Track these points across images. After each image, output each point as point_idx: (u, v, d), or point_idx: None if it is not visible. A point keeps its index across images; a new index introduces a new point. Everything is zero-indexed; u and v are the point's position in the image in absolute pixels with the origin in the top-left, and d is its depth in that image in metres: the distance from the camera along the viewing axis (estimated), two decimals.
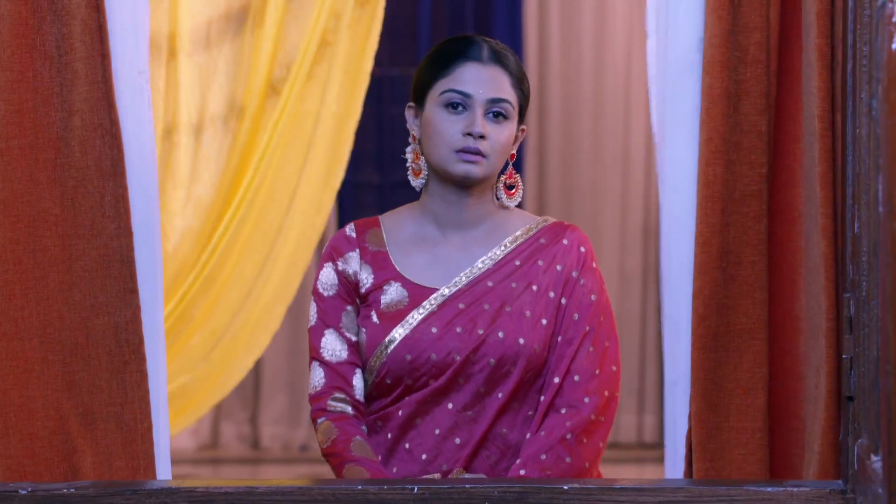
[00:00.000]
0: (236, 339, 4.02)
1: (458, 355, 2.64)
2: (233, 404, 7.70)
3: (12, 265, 2.74)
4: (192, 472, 7.47)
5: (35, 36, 2.74)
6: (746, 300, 2.70)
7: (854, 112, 2.39)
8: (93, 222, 2.74)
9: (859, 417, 2.32)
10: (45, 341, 2.75)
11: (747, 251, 2.70)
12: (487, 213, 2.75)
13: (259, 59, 3.77)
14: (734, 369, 2.69)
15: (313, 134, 3.86)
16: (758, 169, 2.70)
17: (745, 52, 2.68)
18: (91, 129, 2.74)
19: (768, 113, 2.70)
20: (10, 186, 2.74)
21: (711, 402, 2.69)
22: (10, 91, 2.74)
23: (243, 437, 7.84)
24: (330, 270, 2.74)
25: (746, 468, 2.68)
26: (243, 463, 7.66)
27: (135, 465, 2.73)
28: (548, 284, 2.69)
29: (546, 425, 2.64)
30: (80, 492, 2.38)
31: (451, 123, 2.66)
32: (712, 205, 2.69)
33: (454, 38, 2.75)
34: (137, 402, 2.74)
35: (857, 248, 2.35)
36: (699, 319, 2.69)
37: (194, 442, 7.78)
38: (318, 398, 2.71)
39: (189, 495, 2.37)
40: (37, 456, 2.74)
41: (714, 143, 2.68)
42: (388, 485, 2.38)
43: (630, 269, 7.59)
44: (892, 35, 2.00)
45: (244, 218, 3.88)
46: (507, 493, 2.35)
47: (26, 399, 2.74)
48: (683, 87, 2.75)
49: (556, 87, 7.48)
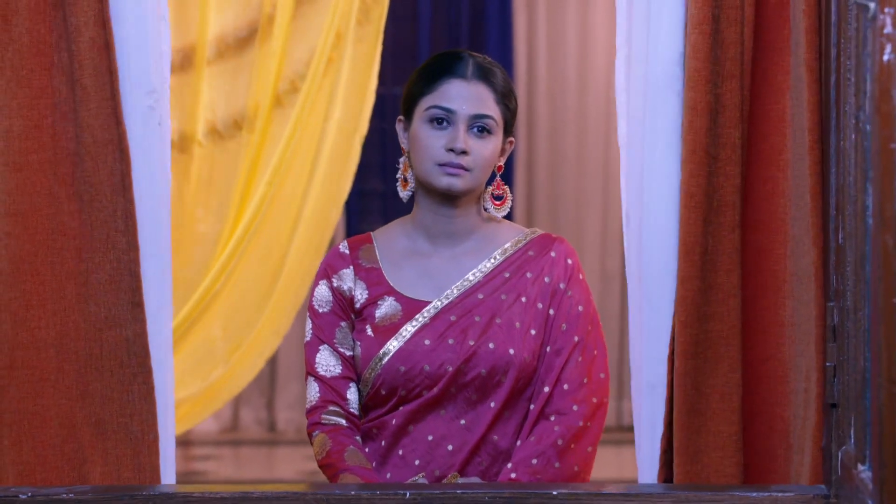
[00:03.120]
0: (251, 341, 3.77)
1: (450, 366, 2.43)
2: (251, 392, 7.65)
3: (31, 276, 2.50)
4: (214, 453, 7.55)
5: (53, 53, 2.51)
6: (722, 307, 2.47)
7: (838, 125, 2.16)
8: (107, 236, 2.51)
9: (843, 424, 2.10)
10: (61, 351, 2.51)
11: (723, 260, 2.47)
12: (476, 225, 2.53)
13: (267, 73, 3.54)
14: (711, 374, 2.47)
15: (320, 147, 3.61)
16: (732, 180, 2.48)
17: (723, 66, 2.46)
18: (102, 144, 2.50)
19: (742, 126, 2.48)
20: (29, 200, 2.51)
21: (692, 406, 2.47)
22: (30, 108, 2.51)
23: (261, 421, 7.80)
24: (325, 287, 2.52)
25: (724, 470, 2.46)
26: (260, 445, 7.63)
27: (141, 476, 2.49)
28: (536, 296, 2.48)
29: (536, 432, 2.42)
30: (79, 496, 2.18)
31: (435, 139, 2.45)
32: (695, 216, 2.47)
33: (442, 54, 2.53)
34: (145, 413, 2.50)
35: (841, 259, 2.13)
36: (682, 327, 2.46)
37: (217, 426, 7.75)
38: (313, 412, 2.50)
39: (185, 500, 2.13)
40: (48, 464, 2.50)
41: (698, 156, 2.47)
42: (380, 490, 2.15)
43: (610, 269, 7.55)
44: (882, 46, 1.76)
45: (257, 228, 3.64)
46: (498, 499, 2.13)
47: (40, 407, 2.50)
48: (663, 100, 2.52)
49: (543, 103, 7.43)
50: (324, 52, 3.52)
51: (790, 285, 2.42)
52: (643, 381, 2.53)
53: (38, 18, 2.48)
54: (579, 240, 7.37)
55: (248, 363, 3.83)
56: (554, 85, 7.42)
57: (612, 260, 7.50)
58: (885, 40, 1.76)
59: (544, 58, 7.42)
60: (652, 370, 2.52)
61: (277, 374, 7.64)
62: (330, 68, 3.56)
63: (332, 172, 3.66)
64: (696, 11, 2.44)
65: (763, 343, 2.46)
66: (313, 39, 3.54)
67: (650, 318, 2.52)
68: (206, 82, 3.61)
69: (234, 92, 3.60)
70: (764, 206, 2.47)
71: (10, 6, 2.47)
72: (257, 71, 3.58)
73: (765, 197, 2.47)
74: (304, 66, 3.56)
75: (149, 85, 2.53)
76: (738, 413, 2.45)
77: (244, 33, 3.60)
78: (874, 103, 1.79)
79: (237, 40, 3.60)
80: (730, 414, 2.44)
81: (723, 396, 2.45)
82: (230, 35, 3.60)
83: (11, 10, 2.47)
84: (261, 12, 3.56)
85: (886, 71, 1.75)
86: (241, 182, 3.64)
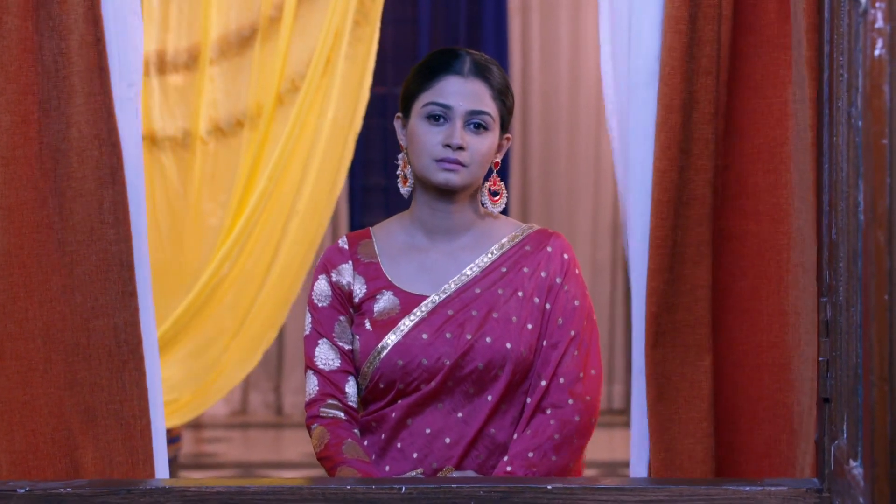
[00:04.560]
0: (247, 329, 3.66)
1: (447, 360, 2.31)
2: (259, 377, 7.72)
3: (17, 269, 2.40)
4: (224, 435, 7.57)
5: (38, 50, 2.40)
6: (689, 297, 2.38)
7: (831, 120, 2.04)
8: (91, 229, 2.39)
9: (836, 419, 1.98)
10: (49, 341, 2.40)
11: (690, 251, 2.38)
12: (473, 221, 2.41)
13: (269, 73, 3.43)
14: (681, 363, 2.38)
15: (316, 144, 3.50)
16: (704, 174, 2.38)
17: (699, 63, 2.37)
18: (88, 139, 2.39)
19: (715, 122, 2.39)
20: (15, 194, 2.40)
21: (660, 394, 2.38)
22: (17, 103, 2.40)
23: (268, 404, 7.85)
24: (324, 282, 2.40)
25: (695, 455, 2.37)
26: (268, 427, 7.65)
27: (134, 460, 2.38)
28: (532, 290, 2.36)
29: (533, 425, 2.30)
30: (76, 491, 2.07)
31: (432, 135, 2.32)
32: (666, 209, 2.38)
33: (439, 52, 2.41)
34: (136, 399, 2.39)
35: (833, 254, 2.02)
36: (651, 317, 2.38)
37: (227, 409, 7.82)
38: (312, 405, 2.38)
39: (182, 495, 2.02)
40: (39, 452, 2.40)
41: (672, 151, 2.38)
42: (376, 484, 2.05)
43: (601, 259, 7.61)
44: (874, 42, 1.64)
45: (255, 222, 3.53)
46: (493, 493, 2.02)
47: (30, 397, 2.40)
48: (644, 97, 2.42)
49: (537, 102, 7.49)
50: (323, 52, 3.41)
51: (793, 276, 2.32)
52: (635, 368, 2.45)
53: (25, 15, 2.38)
54: (572, 232, 7.42)
55: (245, 352, 3.72)
56: (547, 85, 7.48)
57: (602, 251, 7.56)
58: (876, 35, 1.64)
59: (538, 59, 7.46)
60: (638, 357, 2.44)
61: (284, 360, 7.66)
62: (328, 68, 3.44)
63: (327, 168, 3.54)
64: (674, 10, 2.35)
65: (767, 332, 2.37)
66: (313, 40, 3.44)
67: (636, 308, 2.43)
68: (208, 81, 3.50)
69: (236, 91, 3.49)
70: (769, 200, 2.38)
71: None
72: (260, 70, 3.47)
73: (769, 189, 2.38)
74: (304, 65, 3.45)
75: (129, 78, 2.44)
76: (709, 401, 2.36)
77: (247, 33, 3.48)
78: (865, 99, 1.67)
79: (240, 40, 3.48)
80: (699, 402, 2.36)
81: (692, 384, 2.36)
82: (233, 35, 3.48)
83: (2, 7, 2.36)
84: (261, 13, 3.45)
85: (878, 66, 1.63)
86: (243, 178, 3.54)
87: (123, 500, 2.03)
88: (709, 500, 2.00)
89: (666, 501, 1.99)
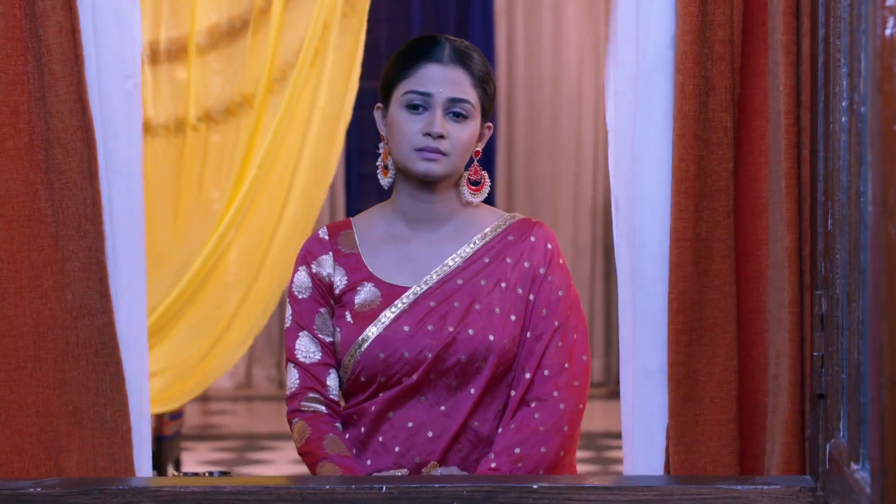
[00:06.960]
0: (241, 317, 3.39)
1: (429, 352, 2.03)
2: (263, 352, 7.61)
3: (7, 264, 2.10)
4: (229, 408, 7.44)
5: (28, 39, 2.11)
6: (717, 294, 2.08)
7: (826, 107, 1.77)
8: (79, 224, 2.11)
9: (832, 417, 1.72)
10: (38, 339, 2.11)
11: (718, 246, 2.08)
12: (455, 210, 2.12)
13: (260, 62, 3.16)
14: (707, 363, 2.08)
15: (307, 133, 3.22)
16: (725, 164, 2.09)
17: (712, 48, 2.07)
18: (71, 130, 2.10)
19: (733, 109, 2.09)
20: (6, 186, 2.10)
21: (687, 395, 2.08)
22: (7, 93, 2.11)
23: (271, 378, 7.71)
24: (304, 274, 2.12)
25: (721, 460, 2.07)
26: (271, 400, 7.46)
27: (116, 466, 2.09)
28: (516, 281, 2.08)
29: (517, 419, 2.02)
30: (46, 490, 1.79)
31: (412, 123, 2.05)
32: (686, 201, 2.08)
33: (419, 39, 2.11)
34: (117, 404, 2.10)
35: (829, 245, 1.75)
36: (674, 314, 2.07)
37: (232, 382, 7.68)
38: (293, 399, 2.10)
39: (155, 495, 1.75)
40: (24, 452, 2.10)
41: (686, 140, 2.07)
42: (356, 484, 1.78)
43: (581, 242, 7.54)
44: (884, 20, 1.36)
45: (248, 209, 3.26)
46: (477, 493, 1.75)
47: (17, 396, 2.10)
48: (655, 84, 2.12)
49: (521, 93, 7.47)
50: (311, 42, 3.13)
51: (770, 272, 2.04)
52: (639, 368, 2.12)
53: (11, 2, 2.08)
54: (554, 216, 7.39)
55: (238, 338, 3.44)
56: (531, 77, 7.44)
57: (582, 234, 7.53)
58: (887, 13, 1.36)
59: (522, 55, 7.43)
60: (647, 356, 2.12)
61: None
62: (317, 58, 3.16)
63: (318, 157, 3.26)
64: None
65: (749, 330, 2.08)
66: (302, 30, 3.15)
67: (644, 304, 2.12)
68: (199, 70, 3.22)
69: (226, 80, 3.21)
70: (749, 193, 2.09)
71: None
72: (250, 59, 3.19)
73: (748, 183, 2.09)
74: (293, 55, 3.17)
75: (126, 69, 2.14)
76: (735, 402, 2.07)
77: (237, 24, 3.20)
78: (874, 82, 1.39)
79: (230, 29, 3.20)
80: (727, 403, 2.06)
81: (720, 385, 2.06)
82: (224, 24, 3.20)
83: None
84: (253, 4, 3.17)
85: (889, 46, 1.36)
86: (235, 165, 3.26)
87: (95, 501, 1.76)
88: (700, 499, 1.74)
89: (655, 501, 1.73)
